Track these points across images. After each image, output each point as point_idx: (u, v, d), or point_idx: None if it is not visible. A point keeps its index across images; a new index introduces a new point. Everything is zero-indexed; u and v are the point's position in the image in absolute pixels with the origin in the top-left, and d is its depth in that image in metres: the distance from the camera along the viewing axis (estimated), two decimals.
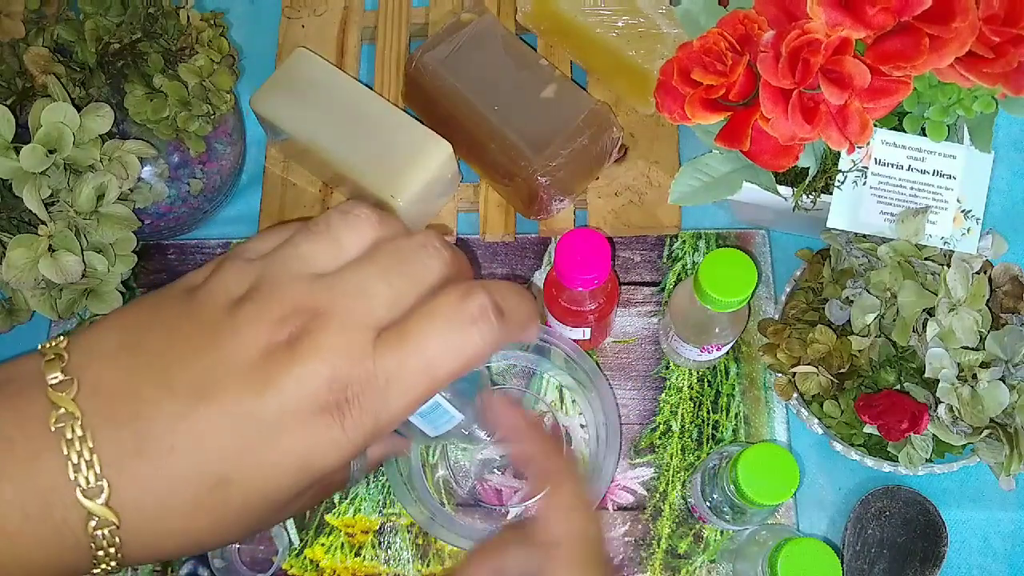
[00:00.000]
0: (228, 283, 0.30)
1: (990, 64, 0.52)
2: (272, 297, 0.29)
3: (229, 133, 0.74)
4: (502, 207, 0.76)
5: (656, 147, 0.77)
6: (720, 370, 0.72)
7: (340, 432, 0.28)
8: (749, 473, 0.54)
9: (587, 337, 0.69)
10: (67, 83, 0.64)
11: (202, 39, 0.68)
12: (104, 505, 0.27)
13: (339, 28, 0.83)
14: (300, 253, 0.31)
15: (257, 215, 0.78)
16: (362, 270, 0.30)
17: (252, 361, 0.28)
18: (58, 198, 0.61)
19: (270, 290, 0.29)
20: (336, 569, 0.68)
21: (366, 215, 0.32)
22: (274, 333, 0.28)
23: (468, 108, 0.72)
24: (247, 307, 0.29)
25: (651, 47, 0.74)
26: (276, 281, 0.29)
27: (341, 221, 0.31)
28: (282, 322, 0.28)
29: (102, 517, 0.27)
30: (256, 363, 0.28)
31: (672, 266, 0.75)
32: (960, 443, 0.58)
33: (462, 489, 0.69)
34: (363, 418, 0.28)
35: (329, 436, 0.28)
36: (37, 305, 0.63)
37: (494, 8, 0.82)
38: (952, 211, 0.61)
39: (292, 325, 0.28)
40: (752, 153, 0.57)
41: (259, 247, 0.32)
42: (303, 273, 0.30)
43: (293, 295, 0.29)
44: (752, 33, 0.55)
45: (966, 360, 0.57)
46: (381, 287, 0.30)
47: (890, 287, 0.60)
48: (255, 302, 0.29)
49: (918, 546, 0.65)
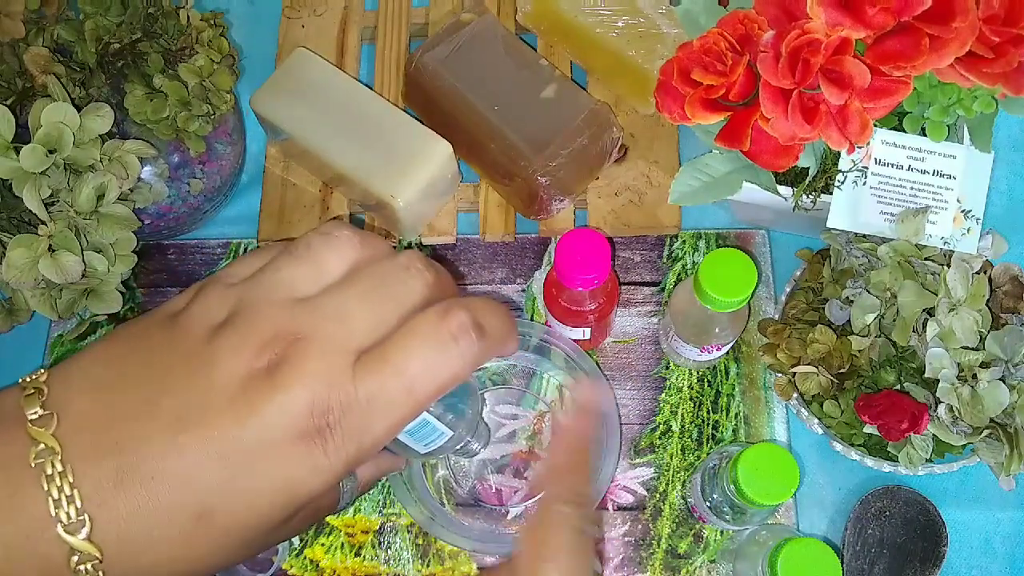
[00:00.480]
0: (208, 309, 0.30)
1: (990, 64, 0.52)
2: (252, 323, 0.29)
3: (229, 133, 0.74)
4: (502, 207, 0.76)
5: (656, 147, 0.77)
6: (720, 370, 0.72)
7: (323, 458, 0.28)
8: (749, 473, 0.54)
9: (587, 337, 0.69)
10: (67, 83, 0.64)
11: (202, 39, 0.68)
12: (86, 540, 0.27)
13: (339, 28, 0.83)
14: (281, 277, 0.30)
15: (257, 215, 0.78)
16: (342, 293, 0.30)
17: (233, 390, 0.28)
18: (58, 198, 0.61)
19: (249, 316, 0.29)
20: (336, 569, 0.68)
21: (347, 236, 0.31)
22: (254, 360, 0.28)
23: (468, 108, 0.72)
24: (227, 334, 0.29)
25: (651, 47, 0.74)
26: (256, 306, 0.29)
27: (322, 243, 0.31)
28: (262, 349, 0.28)
29: (84, 552, 0.27)
30: (237, 392, 0.28)
31: (672, 266, 0.75)
32: (960, 443, 0.58)
33: (462, 489, 0.69)
34: (345, 443, 0.28)
35: (311, 463, 0.28)
36: (37, 305, 0.63)
37: (494, 8, 0.82)
38: (952, 211, 0.61)
39: (272, 351, 0.28)
40: (752, 153, 0.57)
41: (240, 271, 0.32)
42: (283, 297, 0.30)
43: (273, 320, 0.29)
44: (752, 33, 0.55)
45: (966, 360, 0.57)
46: (362, 310, 0.29)
47: (890, 287, 0.60)
48: (235, 328, 0.29)
49: (918, 546, 0.65)
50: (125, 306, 0.76)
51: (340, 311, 0.29)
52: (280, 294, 0.30)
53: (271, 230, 0.77)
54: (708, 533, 0.67)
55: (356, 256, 0.31)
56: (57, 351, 0.75)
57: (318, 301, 0.29)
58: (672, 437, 0.70)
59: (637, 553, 0.67)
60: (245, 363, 0.28)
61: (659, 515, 0.68)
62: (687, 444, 0.70)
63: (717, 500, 0.60)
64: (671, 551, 0.67)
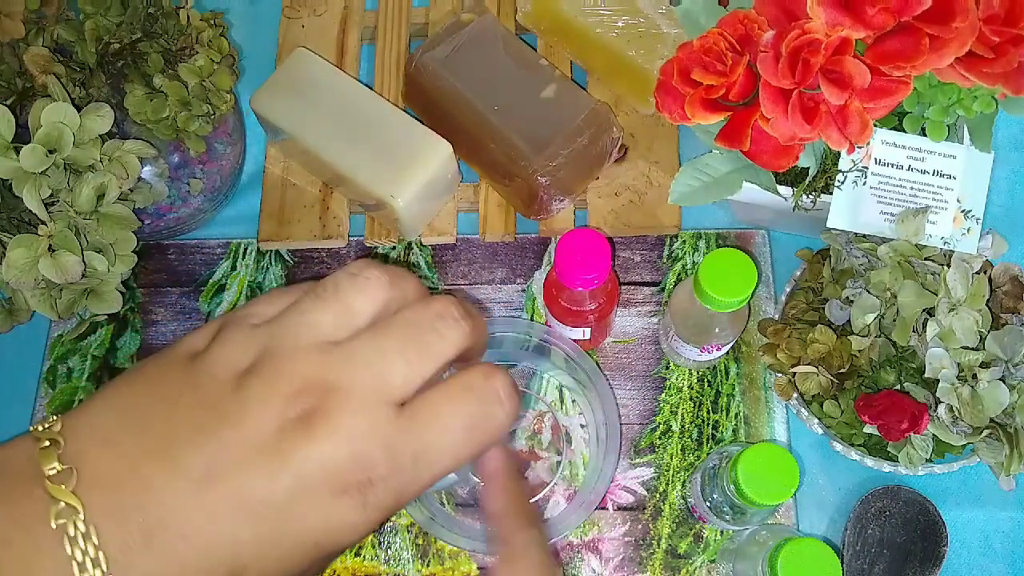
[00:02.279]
0: (232, 353, 0.28)
1: (990, 64, 0.52)
2: (281, 371, 0.27)
3: (229, 133, 0.74)
4: (502, 207, 0.76)
5: (656, 147, 0.77)
6: (720, 370, 0.72)
7: (360, 513, 0.27)
8: (749, 473, 0.54)
9: (587, 337, 0.69)
10: (67, 83, 0.64)
11: (202, 39, 0.68)
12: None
13: (339, 28, 0.83)
14: (308, 321, 0.28)
15: (257, 215, 0.78)
16: (377, 342, 0.28)
17: (264, 442, 0.26)
18: (58, 198, 0.61)
19: (278, 363, 0.27)
20: (336, 569, 0.68)
21: (376, 276, 0.30)
22: (286, 411, 0.27)
23: (468, 108, 0.72)
24: (254, 382, 0.27)
25: (651, 47, 0.74)
26: (283, 352, 0.28)
27: (350, 285, 0.29)
28: (294, 399, 0.27)
29: None
30: (268, 444, 0.26)
31: (672, 266, 0.75)
32: (960, 443, 0.58)
33: (462, 489, 0.69)
34: (386, 498, 0.27)
35: (348, 518, 0.27)
36: (37, 305, 0.63)
37: (494, 8, 0.82)
38: (952, 211, 0.61)
39: (305, 402, 0.27)
40: (752, 153, 0.57)
41: (263, 311, 0.30)
42: (312, 342, 0.28)
43: (303, 368, 0.27)
44: (752, 33, 0.55)
45: (966, 360, 0.57)
46: (398, 362, 0.28)
47: (890, 287, 0.60)
48: (262, 377, 0.27)
49: (918, 546, 0.65)
50: (125, 306, 0.76)
51: (375, 360, 0.28)
52: (308, 338, 0.28)
53: (271, 230, 0.77)
54: (708, 533, 0.67)
55: (385, 296, 0.30)
56: (57, 351, 0.75)
57: (351, 348, 0.28)
58: (672, 437, 0.70)
59: (637, 553, 0.67)
60: (276, 414, 0.27)
61: (659, 515, 0.68)
62: (687, 444, 0.70)
63: (717, 500, 0.60)
64: (671, 551, 0.67)
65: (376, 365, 0.28)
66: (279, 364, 0.27)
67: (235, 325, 0.29)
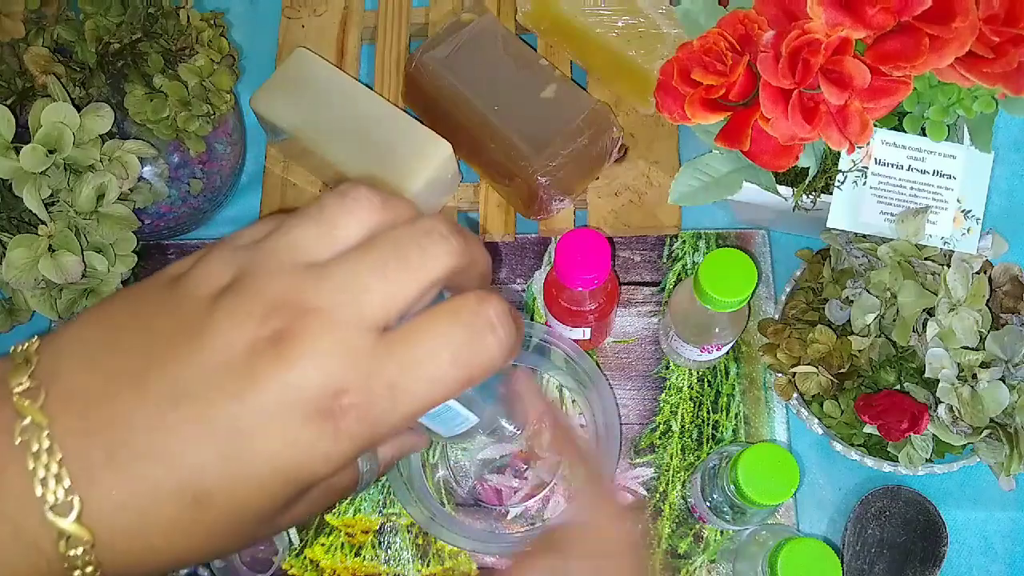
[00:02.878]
0: (211, 272, 0.27)
1: (990, 64, 0.52)
2: (255, 288, 0.26)
3: (229, 133, 0.74)
4: (502, 207, 0.76)
5: (656, 147, 0.77)
6: (720, 370, 0.72)
7: (331, 442, 0.26)
8: (749, 473, 0.54)
9: (587, 337, 0.69)
10: (67, 83, 0.64)
11: (202, 39, 0.68)
12: (76, 522, 0.25)
13: (339, 28, 0.83)
14: (290, 240, 0.27)
15: (257, 215, 0.78)
16: (356, 262, 0.27)
17: (233, 361, 0.25)
18: (58, 198, 0.61)
19: (254, 280, 0.26)
20: (336, 569, 0.68)
21: (365, 197, 0.28)
22: (258, 330, 0.25)
23: (468, 108, 0.72)
24: (228, 299, 0.26)
25: (651, 47, 0.74)
26: (261, 271, 0.26)
27: (337, 204, 0.28)
28: (266, 318, 0.25)
29: (74, 535, 0.25)
30: (237, 364, 0.25)
31: (672, 266, 0.75)
32: (960, 443, 0.58)
33: (462, 489, 0.69)
34: (359, 427, 0.26)
35: (318, 446, 0.26)
36: (37, 305, 0.63)
37: (494, 8, 0.82)
38: (952, 211, 0.61)
39: (277, 322, 0.25)
40: (752, 153, 0.57)
41: (249, 234, 0.29)
42: (291, 262, 0.27)
43: (278, 287, 0.26)
44: (752, 33, 0.55)
45: (966, 360, 0.57)
46: (376, 281, 0.26)
47: (890, 287, 0.60)
48: (237, 294, 0.26)
49: (918, 546, 0.65)
50: None
51: (352, 281, 0.26)
52: (288, 258, 0.27)
53: None
54: (708, 533, 0.67)
55: (375, 219, 0.28)
56: None
57: (329, 269, 0.27)
58: (672, 437, 0.70)
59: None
60: (247, 333, 0.25)
61: (659, 515, 0.68)
62: (687, 444, 0.70)
63: (717, 500, 0.60)
64: (671, 551, 0.67)
65: (352, 285, 0.26)
66: (255, 282, 0.26)
67: (218, 247, 0.28)
